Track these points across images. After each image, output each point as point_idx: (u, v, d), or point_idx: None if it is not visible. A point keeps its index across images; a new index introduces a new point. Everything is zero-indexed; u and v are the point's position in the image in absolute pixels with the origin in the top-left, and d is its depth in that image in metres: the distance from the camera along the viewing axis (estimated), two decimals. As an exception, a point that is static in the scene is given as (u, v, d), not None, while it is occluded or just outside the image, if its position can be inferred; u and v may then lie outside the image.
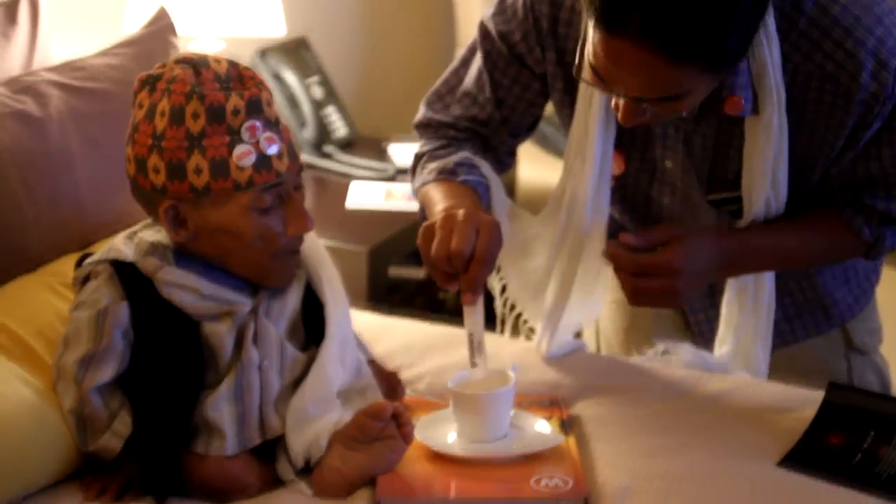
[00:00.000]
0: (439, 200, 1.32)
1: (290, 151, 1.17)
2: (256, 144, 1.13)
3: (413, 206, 1.55)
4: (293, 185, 1.19)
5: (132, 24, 2.05)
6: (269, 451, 1.20)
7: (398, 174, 2.39)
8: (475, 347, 1.25)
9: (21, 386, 1.16)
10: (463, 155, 1.40)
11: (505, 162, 1.49)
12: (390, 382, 1.34)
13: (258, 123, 1.13)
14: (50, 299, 1.29)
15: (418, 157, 1.46)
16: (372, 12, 3.14)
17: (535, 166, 2.68)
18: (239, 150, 1.12)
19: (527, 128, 1.48)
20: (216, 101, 1.12)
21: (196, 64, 1.15)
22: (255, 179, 1.13)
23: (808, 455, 1.24)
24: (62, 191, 1.38)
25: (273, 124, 1.16)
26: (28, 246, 1.34)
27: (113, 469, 1.18)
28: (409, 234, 2.01)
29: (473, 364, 1.25)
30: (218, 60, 1.18)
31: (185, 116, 1.11)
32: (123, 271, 1.17)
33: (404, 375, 1.38)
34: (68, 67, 1.48)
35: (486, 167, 1.41)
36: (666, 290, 1.27)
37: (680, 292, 1.28)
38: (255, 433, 1.19)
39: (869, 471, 1.20)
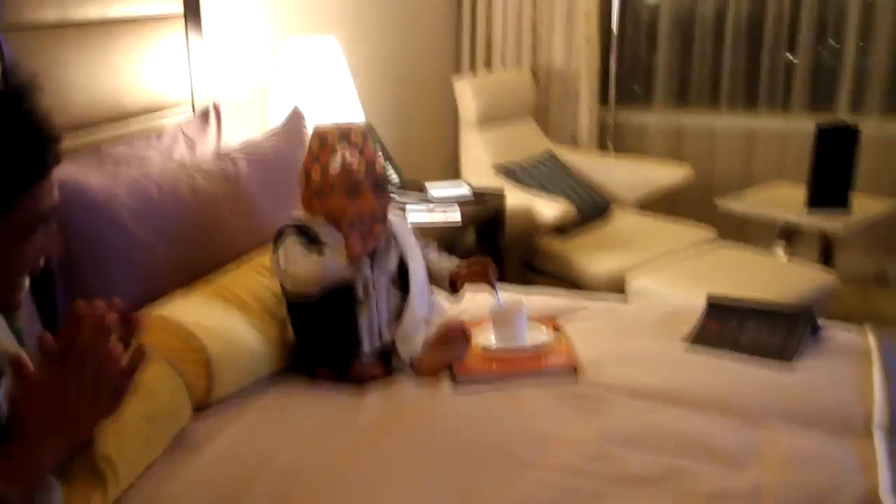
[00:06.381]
0: None
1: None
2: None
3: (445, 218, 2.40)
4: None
5: (274, 119, 2.87)
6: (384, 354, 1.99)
7: (435, 202, 3.31)
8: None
9: (247, 327, 1.95)
10: None
11: None
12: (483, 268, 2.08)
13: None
14: (254, 276, 2.07)
15: None
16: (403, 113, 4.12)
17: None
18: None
19: None
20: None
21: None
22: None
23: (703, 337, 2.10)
24: (251, 214, 2.16)
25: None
26: (232, 246, 2.10)
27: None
28: (442, 238, 2.82)
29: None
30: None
31: None
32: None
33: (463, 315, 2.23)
34: (247, 145, 2.33)
35: None
36: None
37: None
38: (377, 340, 1.96)
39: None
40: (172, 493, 1.56)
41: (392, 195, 2.02)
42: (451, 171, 4.46)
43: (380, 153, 2.14)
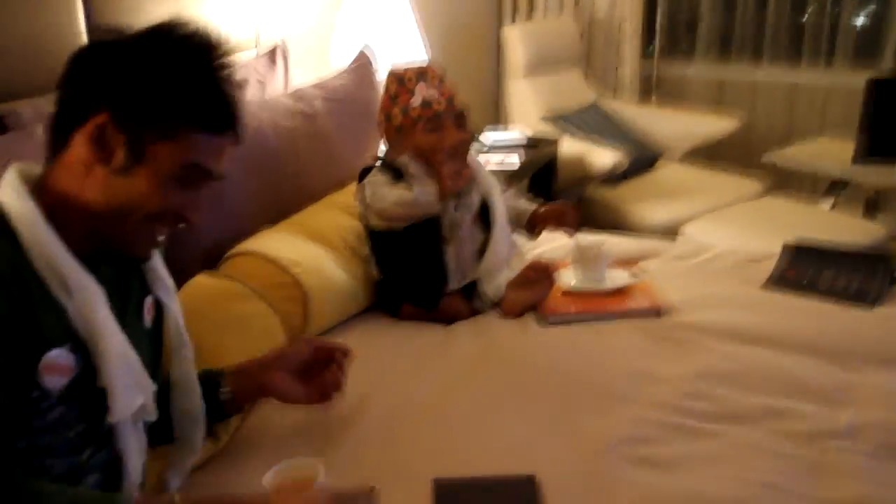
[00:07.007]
0: None
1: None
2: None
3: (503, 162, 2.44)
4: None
5: (337, 62, 2.85)
6: (466, 293, 2.01)
7: (491, 148, 3.30)
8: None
9: (333, 264, 1.96)
10: None
11: None
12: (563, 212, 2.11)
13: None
14: (334, 215, 2.07)
15: None
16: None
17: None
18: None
19: None
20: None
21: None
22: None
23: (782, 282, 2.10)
24: (327, 152, 2.17)
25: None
26: (311, 184, 2.09)
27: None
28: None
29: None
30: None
31: None
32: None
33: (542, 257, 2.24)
34: (319, 85, 2.31)
35: None
36: None
37: None
38: (462, 277, 1.97)
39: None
40: (277, 434, 1.56)
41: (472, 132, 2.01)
42: (493, 122, 4.43)
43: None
